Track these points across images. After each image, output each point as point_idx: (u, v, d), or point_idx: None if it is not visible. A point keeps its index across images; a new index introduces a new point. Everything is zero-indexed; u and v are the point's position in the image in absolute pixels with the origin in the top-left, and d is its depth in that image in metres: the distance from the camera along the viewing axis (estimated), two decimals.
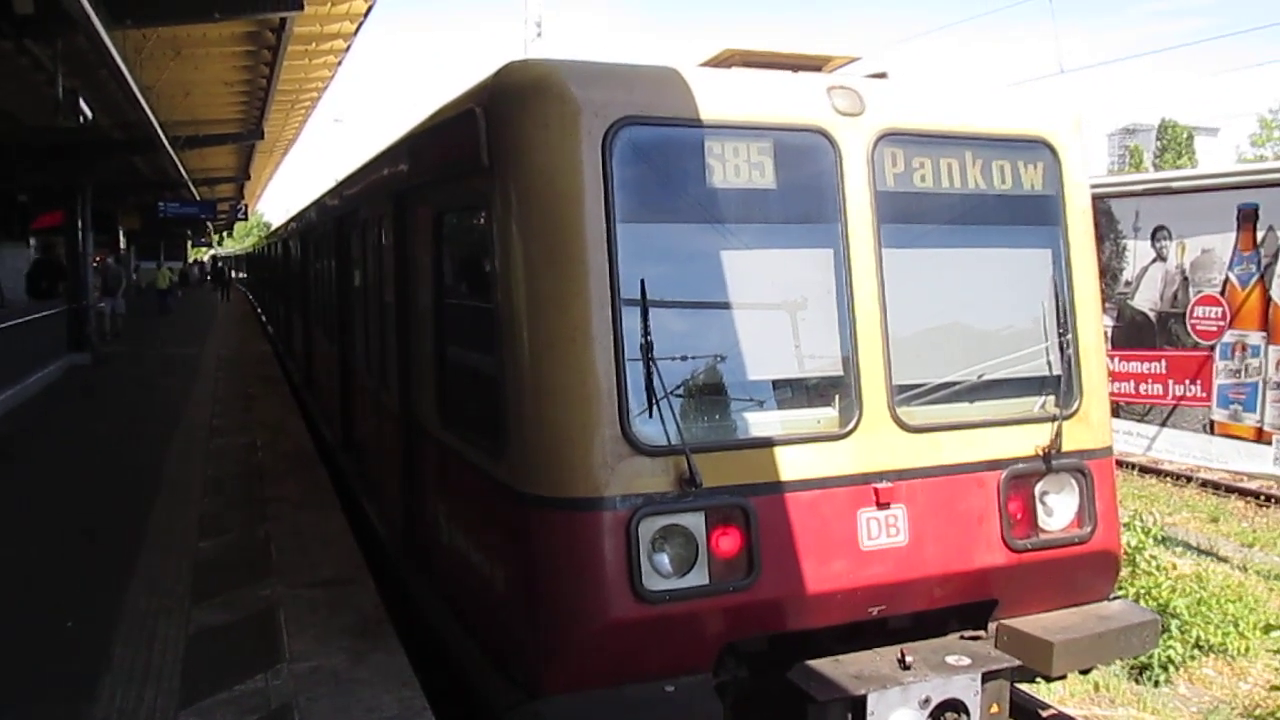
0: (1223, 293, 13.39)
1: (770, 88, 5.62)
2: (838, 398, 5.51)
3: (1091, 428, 6.01)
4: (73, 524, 9.73)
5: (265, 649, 6.51)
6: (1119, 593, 8.80)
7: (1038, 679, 6.40)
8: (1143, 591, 9.89)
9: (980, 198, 5.90)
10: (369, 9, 18.29)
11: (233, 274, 65.13)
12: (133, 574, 8.10)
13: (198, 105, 24.80)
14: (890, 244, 5.59)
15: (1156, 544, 11.24)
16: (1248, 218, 13.10)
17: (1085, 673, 6.85)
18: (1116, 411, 14.22)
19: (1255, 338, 13.05)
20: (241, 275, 66.85)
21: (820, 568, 5.23)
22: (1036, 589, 5.87)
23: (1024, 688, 7.35)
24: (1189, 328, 13.81)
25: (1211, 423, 13.58)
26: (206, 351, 26.60)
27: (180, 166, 29.23)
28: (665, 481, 5.00)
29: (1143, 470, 16.95)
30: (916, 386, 5.65)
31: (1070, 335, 6.00)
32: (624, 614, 4.91)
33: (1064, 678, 6.43)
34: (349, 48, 21.90)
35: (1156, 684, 9.28)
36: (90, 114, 16.04)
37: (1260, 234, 12.98)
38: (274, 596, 7.48)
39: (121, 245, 43.82)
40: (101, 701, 5.88)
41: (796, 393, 5.56)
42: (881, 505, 5.37)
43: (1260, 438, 13.01)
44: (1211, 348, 13.50)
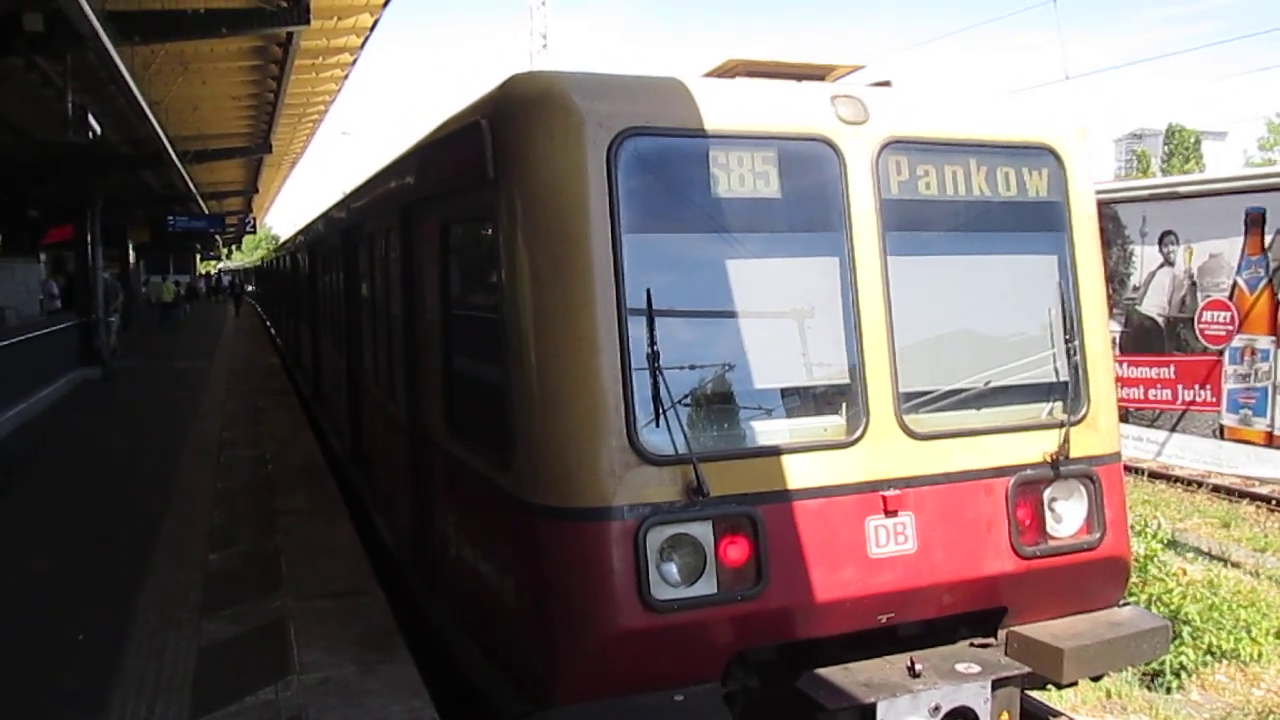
0: (1231, 297, 13.38)
1: (774, 97, 5.64)
2: (844, 406, 5.52)
3: (1099, 434, 5.99)
4: (84, 537, 9.77)
5: (275, 660, 6.52)
6: (1130, 599, 8.79)
7: (1049, 686, 6.39)
8: (1154, 598, 9.84)
9: (985, 205, 5.90)
10: (375, 23, 18.40)
11: (243, 287, 65.23)
12: (143, 586, 8.12)
13: (206, 120, 24.95)
14: (895, 252, 5.59)
15: (1167, 550, 11.20)
16: (1255, 222, 13.09)
17: (1096, 679, 6.82)
18: (1125, 417, 14.19)
19: (1264, 342, 13.03)
20: (250, 288, 67.02)
21: (829, 576, 5.23)
22: (1046, 596, 5.85)
23: (1035, 695, 7.34)
24: (1197, 332, 13.80)
25: (1221, 427, 13.57)
26: (216, 365, 26.66)
27: (189, 180, 29.38)
28: (673, 491, 5.00)
29: (1153, 476, 16.84)
30: (923, 394, 5.65)
31: (1077, 341, 5.99)
32: (632, 623, 4.91)
33: (1075, 685, 6.40)
34: (355, 61, 22.03)
35: (1169, 690, 9.23)
36: (99, 129, 16.14)
37: (1268, 238, 12.97)
38: (284, 608, 7.49)
39: (131, 259, 44.02)
40: (113, 713, 5.90)
41: (803, 401, 5.57)
42: (889, 513, 5.37)
43: (1271, 442, 12.98)
44: (1220, 352, 13.49)
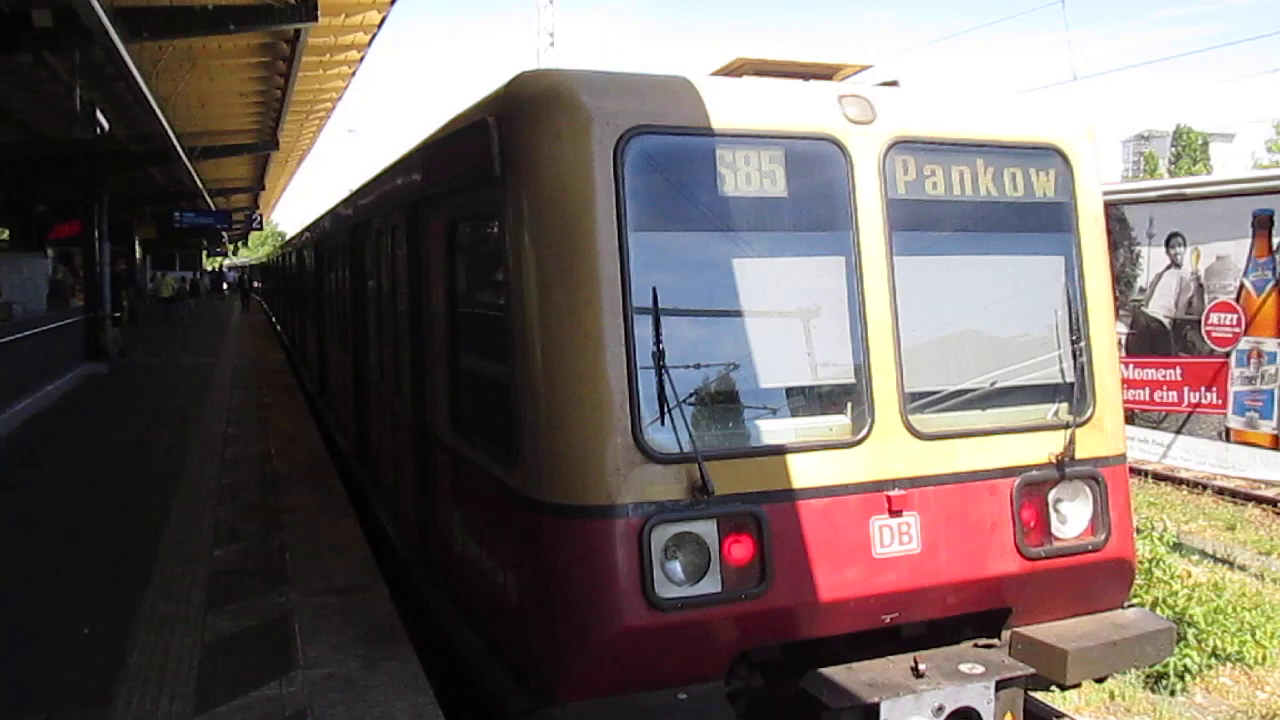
0: (1238, 299, 13.34)
1: (781, 96, 5.63)
2: (850, 405, 5.51)
3: (1105, 435, 5.99)
4: (90, 531, 9.81)
5: (280, 656, 6.54)
6: (1135, 601, 8.78)
7: (1052, 687, 6.38)
8: (1159, 600, 9.82)
9: (992, 205, 5.90)
10: (382, 20, 18.40)
11: (251, 283, 65.39)
12: (149, 581, 8.15)
13: (213, 116, 24.99)
14: (902, 251, 5.59)
15: (1172, 552, 11.18)
16: (1263, 224, 13.05)
17: (1100, 681, 6.82)
18: (1131, 419, 14.17)
19: (1271, 344, 12.99)
20: (256, 285, 67.13)
21: (833, 575, 5.23)
22: (1050, 597, 5.85)
23: (1039, 696, 7.33)
24: (1204, 334, 13.76)
25: (1227, 430, 13.52)
26: (221, 361, 26.72)
27: (196, 177, 29.46)
28: (677, 489, 5.01)
29: (1158, 478, 16.81)
30: (929, 394, 5.65)
31: (1083, 342, 5.98)
32: (636, 621, 4.92)
33: (1079, 686, 6.40)
34: (363, 58, 22.04)
35: (1173, 693, 9.22)
36: (107, 125, 16.24)
37: (1276, 240, 12.93)
38: (288, 604, 7.52)
39: (138, 255, 44.16)
40: (117, 707, 5.92)
41: (808, 400, 5.57)
42: (894, 513, 5.37)
43: (1277, 445, 12.94)
44: (1227, 354, 13.45)
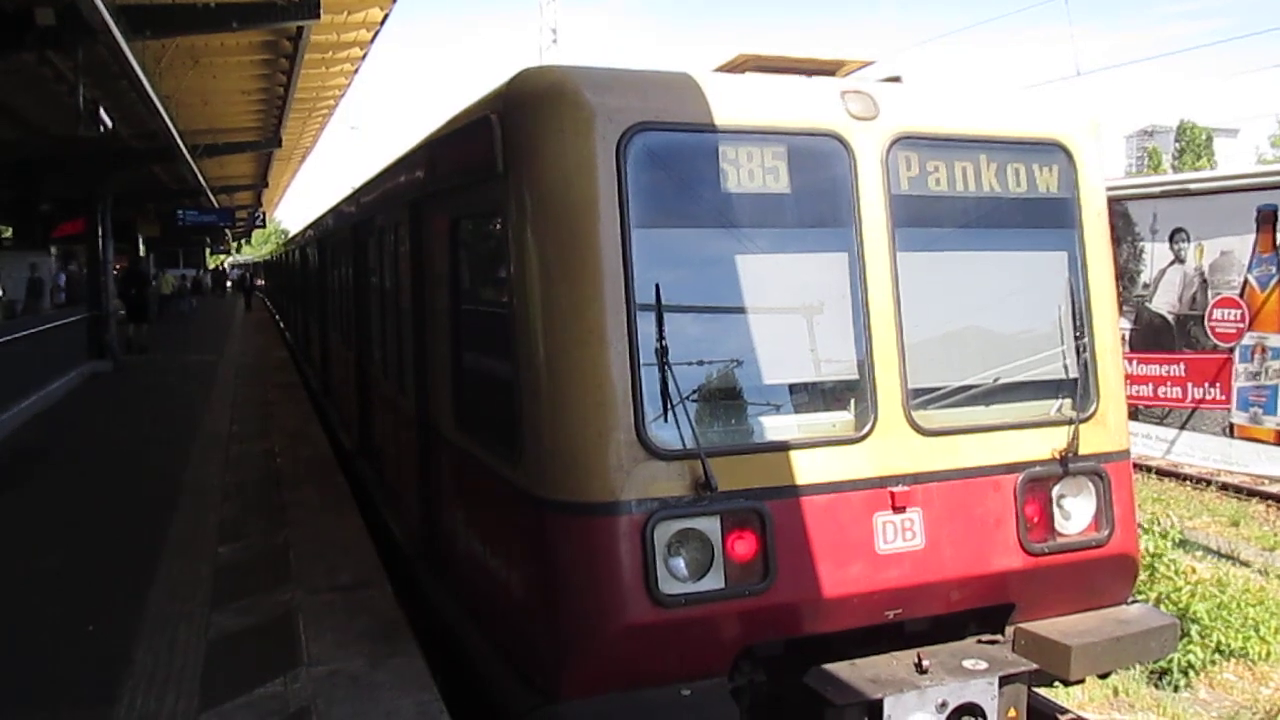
0: (1242, 295, 13.30)
1: (784, 92, 5.63)
2: (853, 401, 5.52)
3: (1108, 431, 5.98)
4: (95, 529, 9.82)
5: (284, 653, 6.55)
6: (1138, 597, 8.77)
7: (1056, 683, 6.38)
8: (1162, 596, 9.82)
9: (995, 201, 5.89)
10: (385, 17, 18.37)
11: (254, 281, 65.32)
12: (153, 578, 8.16)
13: (216, 114, 24.97)
14: (905, 247, 5.59)
15: (1175, 548, 11.16)
16: (1267, 219, 13.01)
17: (1104, 677, 6.82)
18: (1135, 414, 14.14)
19: (1275, 340, 12.94)
20: (259, 282, 67.13)
21: (836, 571, 5.23)
22: (1054, 592, 5.85)
23: (1043, 692, 7.33)
24: (1208, 330, 13.72)
25: (1231, 425, 13.48)
26: (225, 359, 26.75)
27: (199, 174, 29.47)
28: (681, 485, 5.01)
29: (1162, 474, 16.79)
30: (932, 390, 5.65)
31: (1086, 338, 5.98)
32: (640, 617, 4.92)
33: (1082, 682, 6.41)
34: (365, 56, 22.02)
35: (1176, 689, 9.20)
36: (111, 123, 16.21)
37: None
38: (293, 601, 7.53)
39: (141, 252, 44.23)
40: (122, 704, 5.93)
41: (812, 397, 5.57)
42: (897, 509, 5.37)
43: None
44: (1231, 350, 13.40)
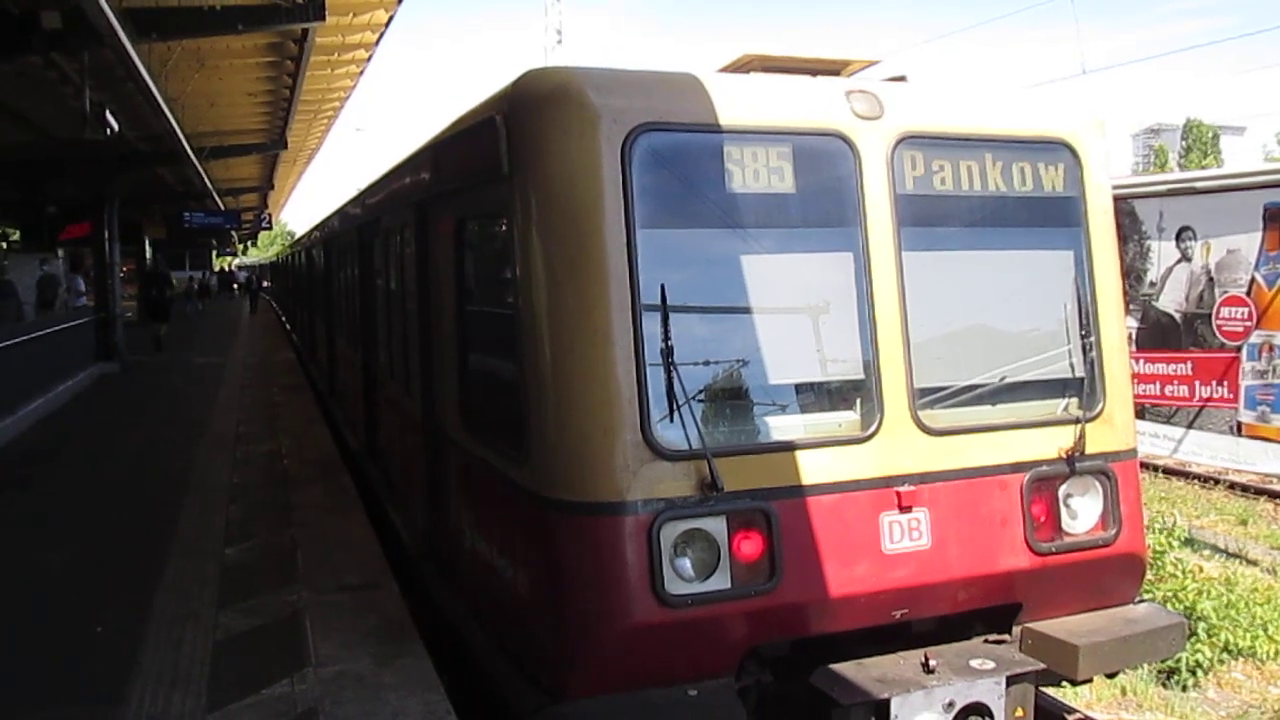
0: (1249, 293, 13.26)
1: (789, 92, 5.63)
2: (859, 401, 5.51)
3: (1115, 430, 5.97)
4: (102, 530, 9.85)
5: (291, 653, 6.56)
6: (1146, 596, 8.74)
7: (1063, 683, 6.37)
8: (1170, 595, 9.80)
9: (1001, 200, 5.89)
10: (390, 19, 18.41)
11: (260, 283, 65.33)
12: (160, 579, 8.18)
13: (222, 116, 25.05)
14: (910, 247, 5.58)
15: (1183, 547, 11.13)
16: (1274, 217, 12.96)
17: (1111, 676, 6.80)
18: (1142, 413, 14.11)
19: None
20: (265, 284, 67.22)
21: (842, 571, 5.23)
22: (1061, 592, 5.84)
23: (1051, 692, 7.32)
24: (1215, 329, 13.68)
25: (1239, 424, 13.45)
26: (232, 360, 26.82)
27: (205, 176, 29.52)
28: (687, 486, 5.01)
29: (1170, 473, 16.76)
30: (938, 389, 5.64)
31: (1093, 337, 5.97)
32: (646, 618, 4.92)
33: (1090, 681, 6.39)
34: (370, 58, 22.07)
35: (1184, 688, 9.19)
36: (117, 126, 16.27)
37: None
38: (299, 601, 7.54)
39: (148, 255, 44.34)
40: (130, 705, 5.94)
41: (818, 396, 5.56)
42: (904, 508, 5.36)
43: None
44: (1238, 349, 13.37)
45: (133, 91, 17.09)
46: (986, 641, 5.78)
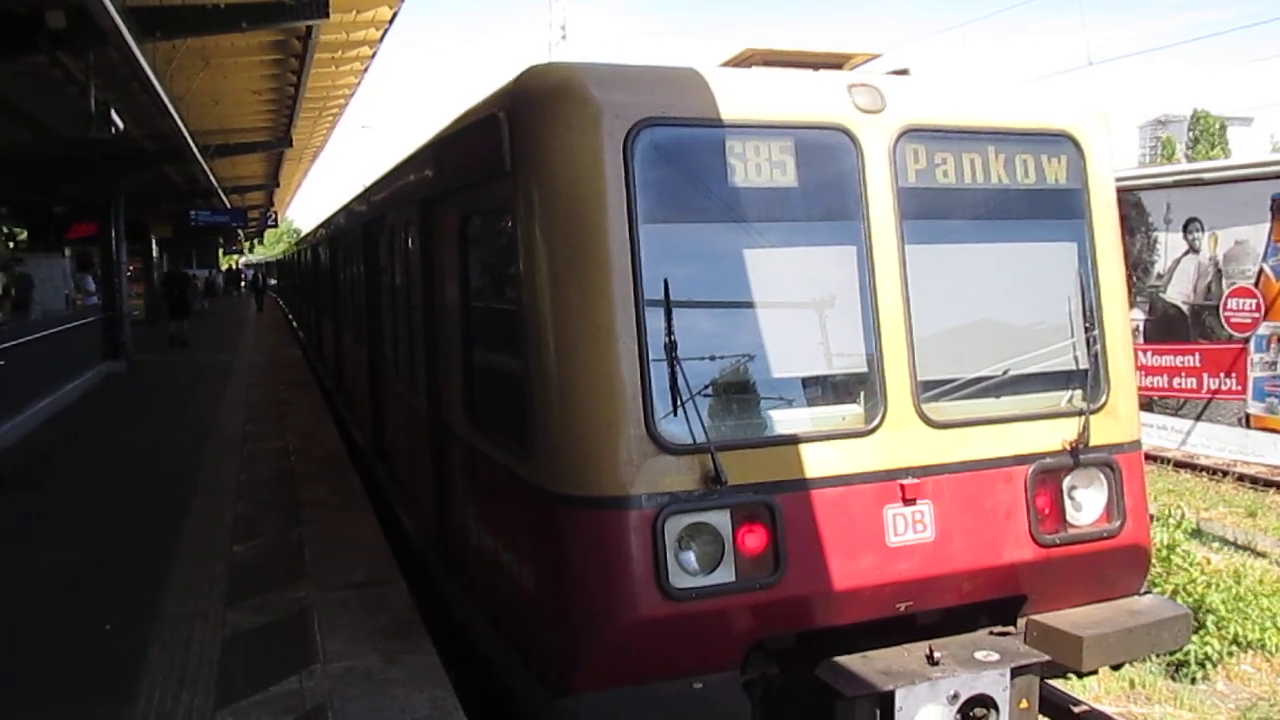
0: (1257, 284, 13.21)
1: (791, 86, 5.63)
2: (862, 394, 5.52)
3: (1119, 422, 5.97)
4: (111, 529, 9.89)
5: (299, 650, 6.59)
6: (1154, 589, 8.74)
7: (1069, 674, 6.37)
8: (1179, 588, 9.77)
9: (1004, 192, 5.88)
10: (394, 16, 18.42)
11: (266, 281, 65.40)
12: (169, 577, 8.21)
13: (227, 114, 25.08)
14: (913, 240, 5.58)
15: (1191, 539, 11.10)
16: None
17: (1116, 668, 6.82)
18: (1150, 406, 14.08)
19: None
20: (272, 281, 67.33)
21: (847, 564, 5.24)
22: (1066, 584, 5.84)
23: (1059, 685, 7.32)
24: (1223, 320, 13.64)
25: (1247, 416, 13.41)
26: (239, 358, 26.90)
27: (210, 175, 29.58)
28: (691, 480, 5.02)
29: (1178, 465, 16.75)
30: (942, 382, 5.64)
31: (1097, 329, 5.96)
32: (651, 611, 4.94)
33: (1095, 673, 6.41)
34: (375, 55, 22.10)
35: (1194, 681, 9.18)
36: (122, 125, 16.27)
37: None
38: (307, 598, 7.57)
39: (154, 253, 44.43)
40: (140, 702, 5.97)
41: (821, 390, 5.56)
42: (908, 501, 5.36)
43: None
44: (1246, 340, 13.32)
45: (138, 90, 17.12)
46: (991, 634, 5.79)
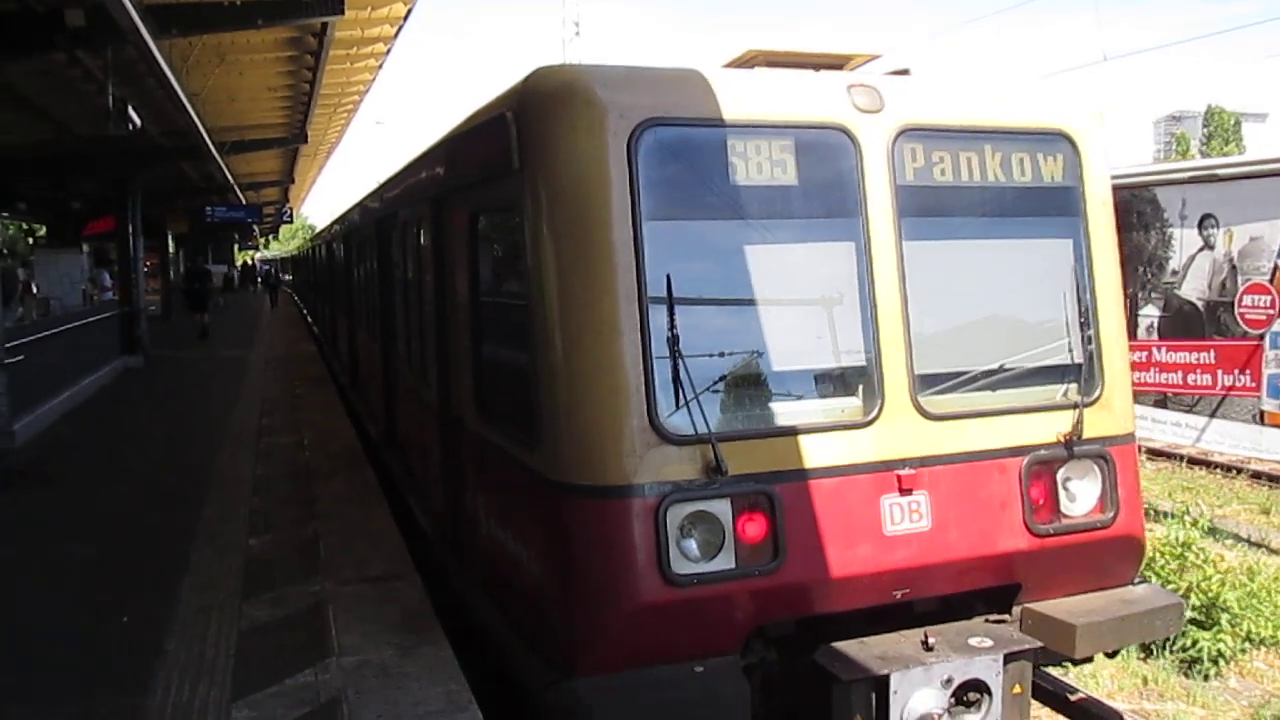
0: (1272, 280, 13.21)
1: (791, 87, 5.74)
2: (861, 387, 5.62)
3: (1113, 414, 6.06)
4: (128, 522, 10.04)
5: (315, 643, 6.68)
6: (1168, 586, 8.80)
7: (1066, 663, 6.48)
8: (1193, 585, 9.70)
9: (1000, 190, 5.97)
10: (409, 12, 18.48)
11: (280, 277, 65.51)
12: (185, 570, 8.32)
13: (243, 111, 25.24)
14: (911, 237, 5.67)
15: (1205, 536, 11.07)
16: None
17: (1111, 656, 6.89)
18: (1164, 403, 14.12)
19: None
20: (287, 277, 67.54)
21: (844, 552, 5.35)
22: (1060, 573, 5.94)
23: (1074, 680, 7.42)
24: (1238, 316, 13.64)
25: (1262, 413, 13.40)
26: (255, 353, 27.10)
27: (226, 171, 29.76)
28: (692, 469, 5.14)
29: (1192, 462, 16.65)
30: (939, 376, 5.74)
31: (1091, 324, 6.06)
32: (653, 597, 5.06)
33: (1090, 660, 6.48)
34: (389, 51, 22.15)
35: (1206, 678, 9.12)
36: (139, 122, 16.44)
37: None
38: (323, 592, 7.66)
39: (170, 249, 44.76)
40: (156, 694, 6.07)
41: (820, 383, 5.67)
42: (904, 491, 5.47)
43: None
44: (1261, 336, 13.32)
45: (154, 87, 17.30)
46: (987, 621, 5.89)
